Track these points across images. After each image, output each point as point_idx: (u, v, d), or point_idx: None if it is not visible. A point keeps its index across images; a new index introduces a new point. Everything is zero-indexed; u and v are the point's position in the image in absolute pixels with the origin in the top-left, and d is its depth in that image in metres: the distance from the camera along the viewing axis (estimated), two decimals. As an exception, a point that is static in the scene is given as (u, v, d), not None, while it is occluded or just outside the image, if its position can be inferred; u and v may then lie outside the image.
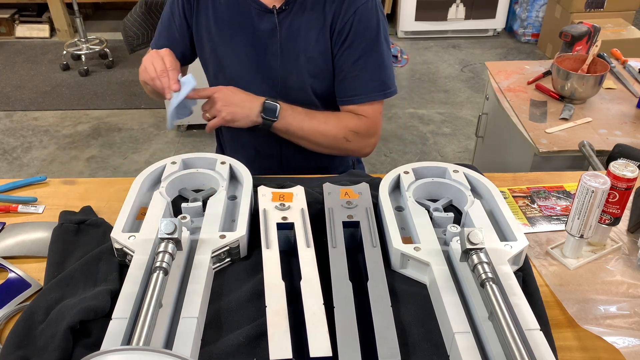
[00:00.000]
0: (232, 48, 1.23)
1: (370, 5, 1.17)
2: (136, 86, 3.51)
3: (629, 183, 0.90)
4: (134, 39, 2.56)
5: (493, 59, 3.89)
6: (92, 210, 1.03)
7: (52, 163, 2.80)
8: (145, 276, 0.80)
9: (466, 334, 0.72)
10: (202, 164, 1.06)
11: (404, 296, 0.83)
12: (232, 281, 0.86)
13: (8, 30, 4.19)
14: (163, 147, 2.94)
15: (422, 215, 0.93)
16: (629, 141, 1.56)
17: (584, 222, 0.89)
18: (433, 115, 3.21)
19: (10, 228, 0.99)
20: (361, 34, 1.17)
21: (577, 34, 1.87)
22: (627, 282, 0.90)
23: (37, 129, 3.09)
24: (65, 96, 3.41)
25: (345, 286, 0.79)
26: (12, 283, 0.88)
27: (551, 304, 0.86)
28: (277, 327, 0.72)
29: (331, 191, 0.98)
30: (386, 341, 0.71)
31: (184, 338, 0.71)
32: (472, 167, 1.09)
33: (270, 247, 0.85)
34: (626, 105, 1.77)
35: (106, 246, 0.90)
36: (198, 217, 0.95)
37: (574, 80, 1.71)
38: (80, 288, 0.83)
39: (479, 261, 0.78)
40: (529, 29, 4.06)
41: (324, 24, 1.17)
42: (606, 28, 3.15)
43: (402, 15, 4.06)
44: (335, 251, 0.85)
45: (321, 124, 1.21)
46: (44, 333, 0.75)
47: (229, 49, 1.23)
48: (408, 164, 1.06)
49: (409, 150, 2.89)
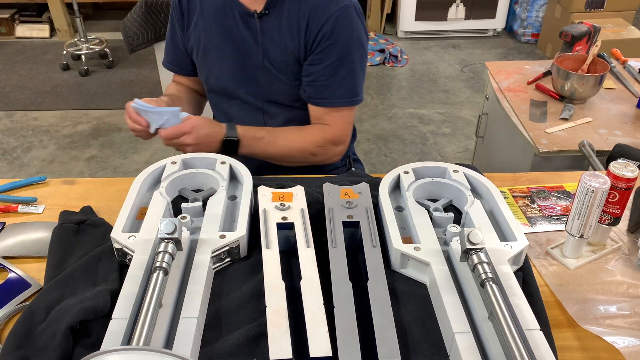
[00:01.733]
0: (221, 53, 1.25)
1: (346, 12, 1.17)
2: (136, 86, 3.51)
3: (629, 183, 0.90)
4: (134, 39, 2.56)
5: (493, 59, 3.89)
6: (92, 210, 1.03)
7: (52, 163, 2.80)
8: (145, 276, 0.80)
9: (466, 334, 0.72)
10: (202, 164, 1.06)
11: (404, 296, 0.83)
12: (232, 281, 0.86)
13: (8, 30, 4.19)
14: (163, 147, 2.91)
15: (422, 215, 0.93)
16: (629, 141, 1.56)
17: (584, 222, 0.89)
18: (433, 115, 3.21)
19: (10, 228, 0.99)
20: (334, 40, 1.17)
21: (577, 34, 1.87)
22: (627, 282, 0.90)
23: (37, 129, 3.09)
24: (65, 96, 3.41)
25: (345, 286, 0.79)
26: (12, 283, 0.88)
27: (551, 304, 0.86)
28: (277, 327, 0.72)
29: (331, 191, 0.98)
30: (386, 341, 0.71)
31: (184, 338, 0.71)
32: (472, 167, 1.09)
33: (270, 247, 0.85)
34: (626, 105, 1.77)
35: (106, 246, 0.90)
36: (198, 217, 0.95)
37: (574, 80, 1.71)
38: (80, 288, 0.83)
39: (479, 261, 0.78)
40: (529, 29, 4.06)
41: (298, 30, 1.18)
42: (606, 28, 3.15)
43: (402, 15, 4.06)
44: (335, 251, 0.85)
45: (285, 146, 1.25)
46: (44, 333, 0.75)
47: (218, 54, 1.26)
48: (408, 164, 1.06)
49: (409, 150, 2.89)
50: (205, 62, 1.29)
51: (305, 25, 1.17)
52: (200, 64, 1.31)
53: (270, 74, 1.24)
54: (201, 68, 1.32)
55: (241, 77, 1.26)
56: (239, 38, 1.22)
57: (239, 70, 1.25)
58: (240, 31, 1.22)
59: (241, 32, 1.22)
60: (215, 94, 1.35)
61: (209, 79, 1.32)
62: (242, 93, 1.28)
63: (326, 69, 1.20)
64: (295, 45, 1.19)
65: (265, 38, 1.21)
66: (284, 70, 1.23)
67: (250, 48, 1.22)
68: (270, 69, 1.23)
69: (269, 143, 1.24)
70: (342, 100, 1.23)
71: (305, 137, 1.26)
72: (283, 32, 1.19)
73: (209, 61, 1.28)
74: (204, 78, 1.33)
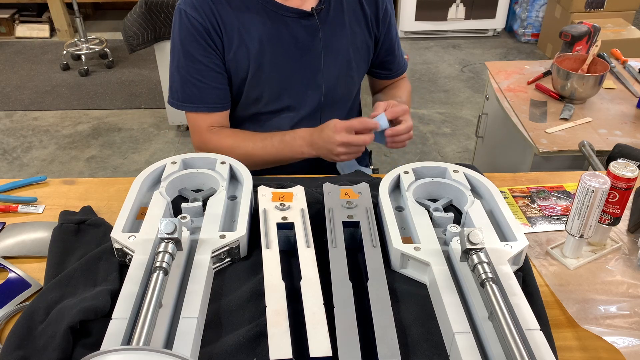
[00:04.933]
0: (276, 64, 1.19)
1: None
2: (136, 86, 3.51)
3: (629, 183, 0.90)
4: (134, 39, 2.56)
5: (493, 59, 3.89)
6: (92, 210, 1.03)
7: (52, 163, 2.80)
8: (145, 276, 0.80)
9: (466, 334, 0.72)
10: (202, 164, 1.06)
11: (404, 296, 0.83)
12: (232, 281, 0.86)
13: (8, 30, 4.19)
14: (163, 147, 2.94)
15: (422, 215, 0.93)
16: (629, 141, 1.56)
17: (584, 222, 0.89)
18: (433, 115, 3.21)
19: (10, 228, 0.99)
20: (390, 12, 1.28)
21: (577, 34, 1.87)
22: (627, 282, 0.90)
23: (37, 129, 3.09)
24: (65, 96, 3.41)
25: (345, 286, 0.79)
26: (12, 283, 0.88)
27: (551, 304, 0.86)
28: (277, 327, 0.72)
29: (331, 191, 0.98)
30: (386, 341, 0.71)
31: (184, 338, 0.71)
32: (472, 167, 1.09)
33: (270, 247, 0.85)
34: (626, 105, 1.77)
35: (106, 246, 0.90)
36: (198, 217, 0.95)
37: (574, 80, 1.71)
38: (80, 288, 0.83)
39: (479, 261, 0.78)
40: (529, 29, 4.06)
41: (363, 13, 1.22)
42: (606, 28, 3.15)
43: (402, 15, 4.06)
44: (335, 251, 0.85)
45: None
46: (44, 333, 0.75)
47: (273, 66, 1.19)
48: (408, 164, 1.06)
49: (409, 150, 2.89)
50: (260, 80, 1.20)
51: (373, 7, 1.23)
52: (253, 84, 1.20)
53: (331, 66, 1.23)
54: (253, 88, 1.21)
55: (299, 82, 1.22)
56: (296, 43, 1.18)
57: (297, 75, 1.21)
58: (294, 35, 1.17)
59: (295, 35, 1.17)
60: (264, 114, 1.27)
61: (262, 98, 1.23)
62: (301, 96, 1.23)
63: (395, 42, 1.33)
64: (362, 29, 1.23)
65: (327, 32, 1.19)
66: (348, 59, 1.24)
67: (308, 49, 1.19)
68: (332, 61, 1.22)
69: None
70: (405, 63, 1.41)
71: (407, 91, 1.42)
72: (348, 20, 1.19)
73: (266, 75, 1.20)
74: (254, 97, 1.23)
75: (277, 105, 1.25)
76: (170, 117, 2.95)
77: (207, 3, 1.13)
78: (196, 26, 1.12)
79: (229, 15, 1.14)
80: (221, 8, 1.13)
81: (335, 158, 1.15)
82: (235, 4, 1.14)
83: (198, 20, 1.12)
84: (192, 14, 1.12)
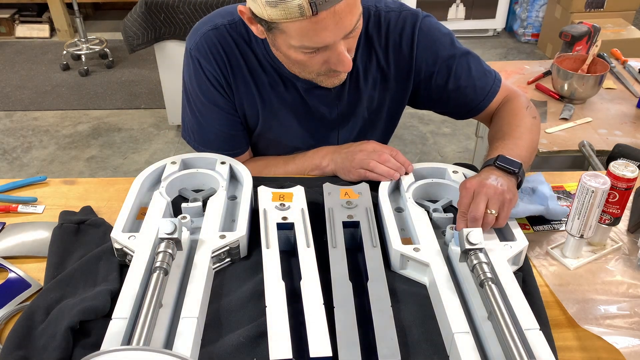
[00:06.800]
0: (286, 127, 1.16)
1: (424, 20, 1.11)
2: (136, 86, 3.51)
3: (629, 183, 0.90)
4: (134, 39, 2.56)
5: (493, 59, 3.88)
6: (92, 210, 1.03)
7: (52, 163, 2.80)
8: (145, 276, 0.80)
9: (466, 334, 0.72)
10: (202, 164, 1.06)
11: (404, 296, 0.83)
12: (232, 281, 0.86)
13: (8, 30, 4.19)
14: (163, 147, 2.94)
15: (421, 216, 0.93)
16: (629, 141, 1.56)
17: (584, 222, 0.89)
18: (433, 115, 3.21)
19: (10, 228, 0.99)
20: (434, 50, 1.12)
21: (577, 34, 1.87)
22: (627, 282, 0.90)
23: (37, 129, 3.09)
24: (65, 96, 3.41)
25: (345, 286, 0.79)
26: (12, 283, 0.88)
27: (551, 304, 0.86)
28: (277, 327, 0.72)
29: (331, 191, 0.98)
30: (386, 341, 0.71)
31: (184, 338, 0.71)
32: (472, 167, 1.09)
33: (270, 247, 0.85)
34: (626, 105, 1.77)
35: (106, 246, 0.90)
36: (198, 217, 0.95)
37: (574, 80, 1.71)
38: (80, 288, 0.83)
39: (478, 261, 0.78)
40: (529, 29, 4.06)
41: (382, 75, 1.12)
42: (606, 28, 3.15)
43: (402, 15, 4.05)
44: (335, 251, 0.85)
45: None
46: (44, 333, 0.75)
47: (282, 128, 1.16)
48: (408, 164, 1.06)
49: (409, 150, 2.89)
50: (269, 141, 1.18)
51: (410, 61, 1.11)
52: (269, 126, 1.16)
53: (350, 134, 1.19)
54: (269, 131, 1.17)
55: (309, 138, 1.18)
56: (308, 112, 1.14)
57: (307, 135, 1.17)
58: (309, 106, 1.13)
59: (311, 107, 1.13)
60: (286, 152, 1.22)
61: (280, 141, 1.19)
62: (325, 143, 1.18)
63: (455, 77, 1.13)
64: (384, 91, 1.14)
65: (344, 104, 1.14)
66: (367, 122, 1.18)
67: (324, 119, 1.15)
68: (353, 128, 1.18)
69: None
70: (491, 85, 1.17)
71: (517, 113, 1.14)
72: (364, 87, 1.12)
73: (274, 138, 1.17)
74: (270, 138, 1.19)
75: (289, 153, 1.21)
76: (170, 117, 2.95)
77: (220, 55, 1.07)
78: (209, 77, 1.09)
79: (241, 70, 1.09)
80: (235, 64, 1.08)
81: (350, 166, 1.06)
82: (251, 64, 1.09)
83: (211, 72, 1.08)
84: (205, 65, 1.07)
